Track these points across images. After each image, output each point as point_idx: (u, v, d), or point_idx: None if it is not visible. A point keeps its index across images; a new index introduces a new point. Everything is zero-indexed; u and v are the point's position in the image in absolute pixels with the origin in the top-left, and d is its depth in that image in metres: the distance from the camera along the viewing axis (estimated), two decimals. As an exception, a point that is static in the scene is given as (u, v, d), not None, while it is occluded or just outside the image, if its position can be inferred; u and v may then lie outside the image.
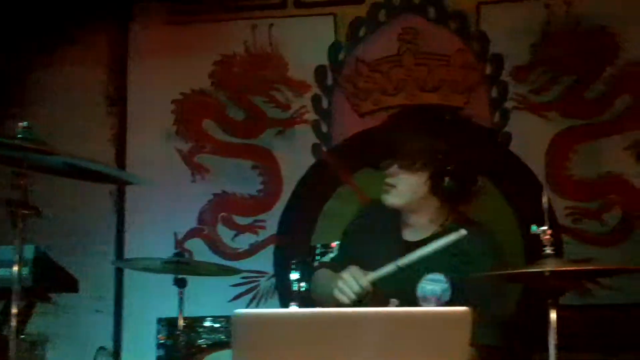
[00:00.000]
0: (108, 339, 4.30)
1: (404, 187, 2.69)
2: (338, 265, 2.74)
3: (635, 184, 3.90)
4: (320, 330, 1.85)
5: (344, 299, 2.56)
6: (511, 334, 2.64)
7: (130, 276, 4.29)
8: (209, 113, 4.48)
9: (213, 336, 3.60)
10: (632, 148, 3.85)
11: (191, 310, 3.50)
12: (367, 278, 2.56)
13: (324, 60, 4.41)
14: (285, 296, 4.05)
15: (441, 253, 2.60)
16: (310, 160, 4.35)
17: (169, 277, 3.44)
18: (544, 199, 2.37)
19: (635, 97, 4.07)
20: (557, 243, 2.36)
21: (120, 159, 4.47)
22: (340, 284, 2.57)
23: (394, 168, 2.69)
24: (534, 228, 2.38)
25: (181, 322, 3.32)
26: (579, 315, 3.50)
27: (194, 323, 3.53)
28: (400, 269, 2.57)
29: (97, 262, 4.29)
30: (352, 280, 2.56)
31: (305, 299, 2.64)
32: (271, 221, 4.34)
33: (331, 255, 2.87)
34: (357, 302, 2.56)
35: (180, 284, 3.41)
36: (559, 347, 2.29)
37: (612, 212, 4.01)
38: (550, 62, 4.17)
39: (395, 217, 2.76)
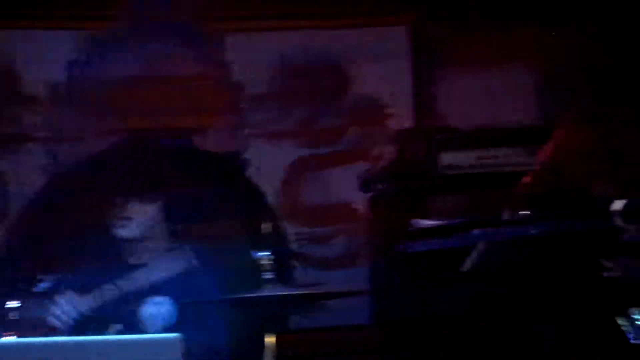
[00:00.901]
0: None
1: (139, 219, 2.66)
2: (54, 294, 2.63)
3: (361, 212, 4.12)
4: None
5: (58, 324, 2.47)
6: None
7: None
8: None
9: None
10: (360, 178, 4.05)
11: None
12: (85, 303, 2.50)
13: (62, 77, 4.23)
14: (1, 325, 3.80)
15: (166, 275, 2.60)
16: (40, 181, 4.12)
17: None
18: (266, 226, 2.43)
19: (364, 130, 4.31)
20: (283, 268, 2.42)
21: None
22: (54, 309, 2.48)
23: (129, 202, 2.65)
24: (256, 254, 2.43)
25: None
26: (305, 338, 3.61)
27: None
28: (123, 292, 2.54)
29: None
30: (67, 306, 2.48)
31: (22, 329, 2.51)
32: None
33: (46, 285, 2.74)
34: (76, 328, 2.49)
35: None
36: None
37: (339, 239, 4.22)
38: (287, 92, 4.31)
39: (121, 244, 2.69)
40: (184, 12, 4.34)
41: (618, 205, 2.08)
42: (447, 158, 3.42)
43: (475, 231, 2.53)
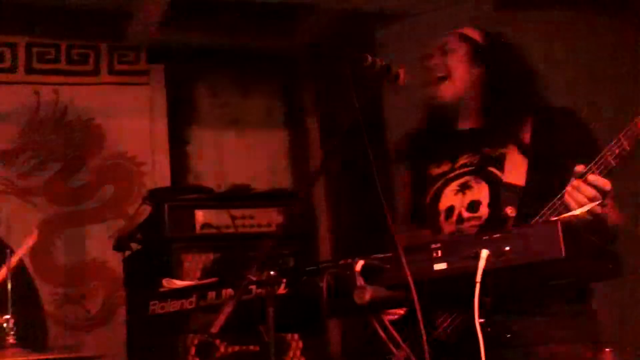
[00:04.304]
0: None
1: None
2: None
3: (116, 270, 4.07)
4: None
5: None
6: None
7: None
8: None
9: None
10: (114, 236, 4.00)
11: None
12: None
13: None
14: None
15: None
16: None
17: None
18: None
19: (117, 188, 4.27)
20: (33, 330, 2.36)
21: None
22: None
23: None
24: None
25: None
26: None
27: None
28: None
29: None
30: None
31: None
32: None
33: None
34: None
35: None
36: None
37: (94, 298, 4.13)
38: (37, 147, 4.18)
39: None
40: None
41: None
42: (202, 217, 3.48)
43: (227, 290, 2.59)
